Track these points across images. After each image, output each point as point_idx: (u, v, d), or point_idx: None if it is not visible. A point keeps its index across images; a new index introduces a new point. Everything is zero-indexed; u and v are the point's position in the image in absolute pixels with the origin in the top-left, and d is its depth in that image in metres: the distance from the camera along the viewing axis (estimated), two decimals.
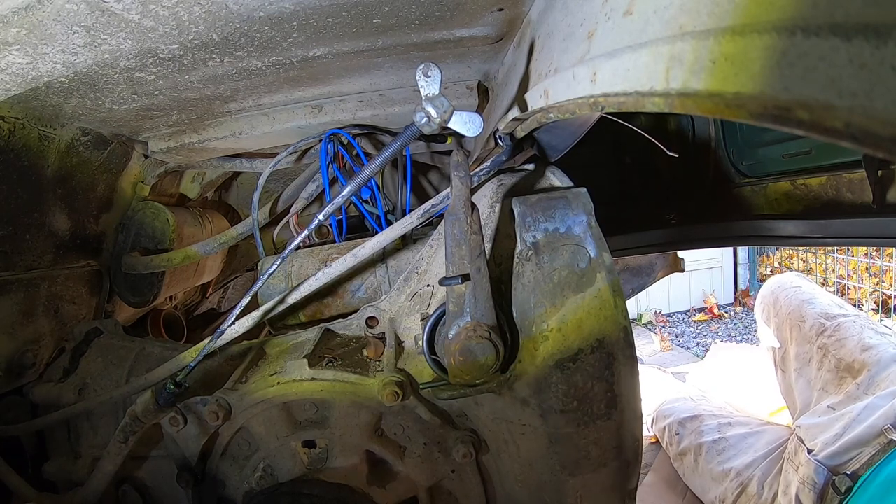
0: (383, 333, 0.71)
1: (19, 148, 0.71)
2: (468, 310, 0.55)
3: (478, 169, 0.68)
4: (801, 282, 2.01)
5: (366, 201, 0.93)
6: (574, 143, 0.69)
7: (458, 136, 1.00)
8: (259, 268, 0.87)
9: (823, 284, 3.64)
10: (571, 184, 0.72)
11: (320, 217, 0.61)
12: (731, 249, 5.19)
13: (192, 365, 0.63)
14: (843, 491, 1.35)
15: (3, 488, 0.71)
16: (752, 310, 3.77)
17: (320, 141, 0.92)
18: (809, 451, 1.51)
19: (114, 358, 0.81)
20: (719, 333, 4.61)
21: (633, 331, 0.62)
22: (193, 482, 0.68)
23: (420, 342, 0.63)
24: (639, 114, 1.24)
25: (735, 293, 5.29)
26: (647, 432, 2.35)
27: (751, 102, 0.23)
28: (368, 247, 0.70)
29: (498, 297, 0.62)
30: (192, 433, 0.67)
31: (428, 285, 0.69)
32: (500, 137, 0.66)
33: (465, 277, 0.54)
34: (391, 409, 0.63)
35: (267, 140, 0.95)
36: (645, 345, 4.32)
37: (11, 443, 0.77)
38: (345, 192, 0.60)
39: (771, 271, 4.70)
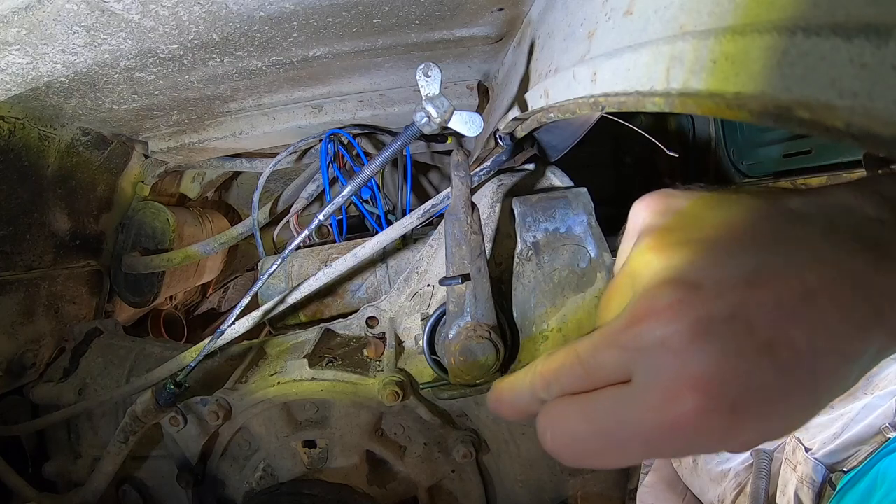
0: (383, 333, 0.71)
1: (19, 148, 0.71)
2: (468, 310, 0.55)
3: (478, 169, 0.68)
4: None
5: (366, 201, 0.93)
6: (574, 143, 0.69)
7: (459, 136, 1.00)
8: (259, 268, 0.87)
9: None
10: (571, 183, 0.72)
11: (320, 217, 0.61)
12: None
13: (192, 365, 0.63)
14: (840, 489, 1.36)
15: (3, 488, 0.71)
16: None
17: (320, 141, 0.92)
18: (808, 450, 1.51)
19: (114, 358, 0.81)
20: None
21: None
22: (193, 482, 0.68)
23: (420, 342, 0.63)
24: (639, 113, 1.24)
25: None
26: None
27: (751, 102, 0.23)
28: (368, 247, 0.70)
29: (498, 296, 0.62)
30: (192, 433, 0.66)
31: (428, 285, 0.69)
32: (501, 137, 0.66)
33: (466, 277, 0.54)
34: (391, 409, 0.63)
35: (267, 140, 0.95)
36: None
37: (12, 443, 0.77)
38: (345, 192, 0.60)
39: None
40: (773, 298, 0.23)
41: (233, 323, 0.66)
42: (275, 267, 0.63)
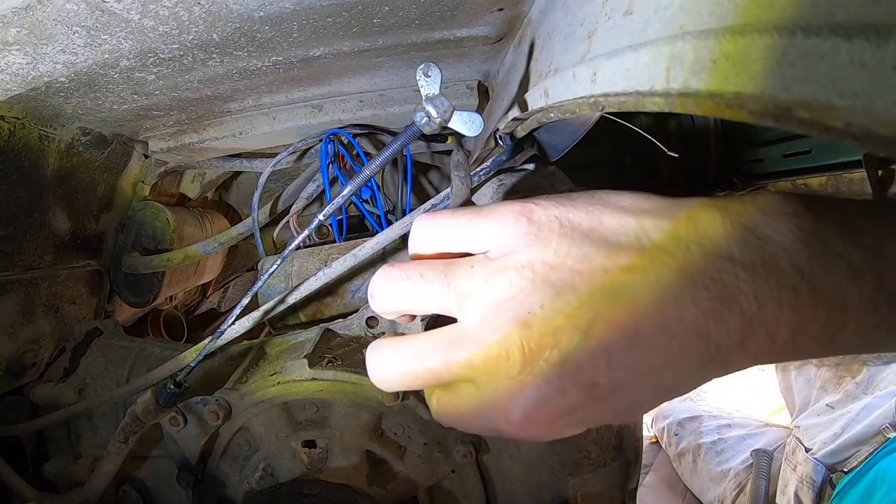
0: (383, 333, 0.71)
1: (19, 148, 0.71)
2: None
3: (478, 169, 0.68)
4: None
5: (366, 201, 0.93)
6: (574, 143, 0.69)
7: (459, 136, 1.00)
8: (259, 268, 0.87)
9: None
10: (571, 184, 0.72)
11: (320, 217, 0.61)
12: None
13: (192, 365, 0.63)
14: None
15: (3, 488, 0.71)
16: None
17: (320, 141, 0.92)
18: (808, 450, 1.51)
19: (114, 358, 0.81)
20: None
21: None
22: (193, 482, 0.68)
23: None
24: (639, 113, 1.24)
25: None
26: (648, 432, 2.35)
27: (751, 102, 0.23)
28: (368, 247, 0.70)
29: None
30: (192, 433, 0.67)
31: None
32: (501, 137, 0.66)
33: None
34: (391, 409, 0.63)
35: (267, 140, 0.95)
36: None
37: (11, 443, 0.77)
38: (345, 192, 0.60)
39: None
40: (602, 346, 0.25)
41: (233, 323, 0.66)
42: (275, 267, 0.63)
